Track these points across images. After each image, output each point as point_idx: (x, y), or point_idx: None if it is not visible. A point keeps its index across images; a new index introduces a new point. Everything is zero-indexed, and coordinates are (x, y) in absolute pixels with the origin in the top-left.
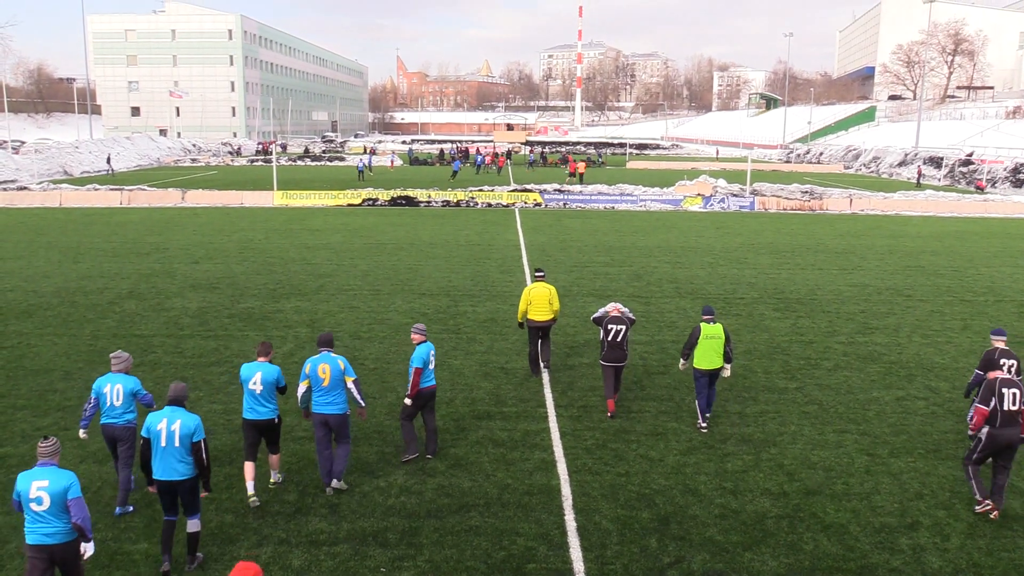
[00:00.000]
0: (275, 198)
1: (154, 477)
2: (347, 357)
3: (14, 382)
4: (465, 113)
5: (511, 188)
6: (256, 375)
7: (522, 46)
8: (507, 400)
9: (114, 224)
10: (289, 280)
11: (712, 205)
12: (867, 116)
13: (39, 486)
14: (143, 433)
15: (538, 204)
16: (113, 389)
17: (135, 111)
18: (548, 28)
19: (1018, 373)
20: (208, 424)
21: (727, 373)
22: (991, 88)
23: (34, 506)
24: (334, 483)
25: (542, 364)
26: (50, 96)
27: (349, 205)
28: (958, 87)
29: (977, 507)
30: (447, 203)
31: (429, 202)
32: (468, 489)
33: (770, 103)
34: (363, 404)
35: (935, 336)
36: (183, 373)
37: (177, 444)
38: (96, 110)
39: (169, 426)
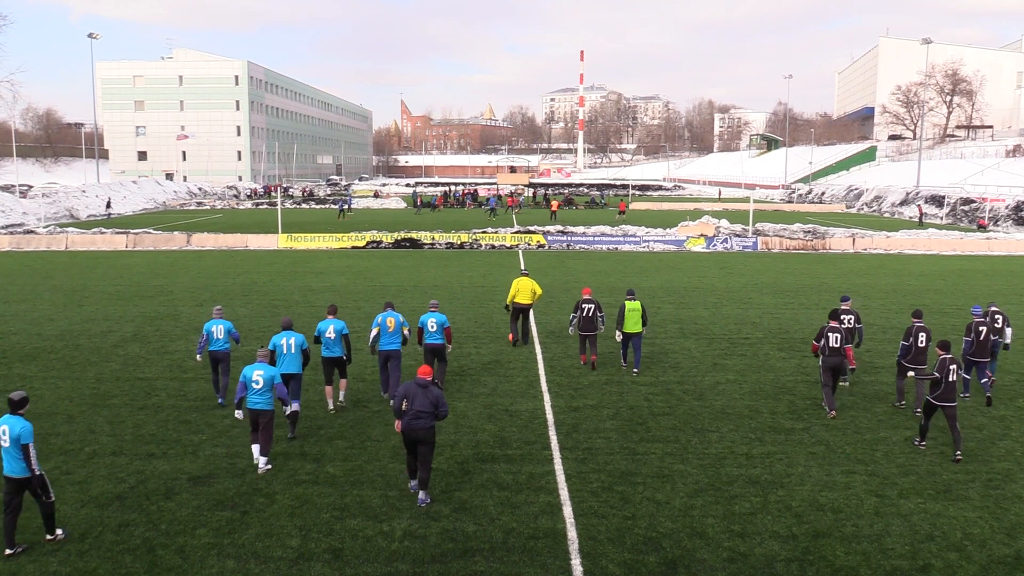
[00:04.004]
0: (279, 241)
1: (281, 373)
2: (351, 399)
3: None
4: (469, 156)
5: (515, 230)
6: (330, 327)
7: (525, 90)
8: (511, 442)
9: (119, 267)
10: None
11: (715, 245)
12: (868, 156)
13: (258, 374)
14: (269, 347)
15: (541, 246)
16: (217, 328)
17: (142, 155)
18: (550, 72)
19: (858, 322)
20: (211, 468)
21: (644, 332)
22: (990, 127)
23: (254, 385)
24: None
25: (521, 338)
26: (58, 141)
27: (353, 247)
28: (957, 126)
29: (830, 415)
30: (451, 245)
31: (433, 244)
32: (473, 533)
33: (771, 144)
34: (406, 340)
35: None
36: (186, 416)
37: (293, 351)
38: (103, 154)
39: (288, 341)
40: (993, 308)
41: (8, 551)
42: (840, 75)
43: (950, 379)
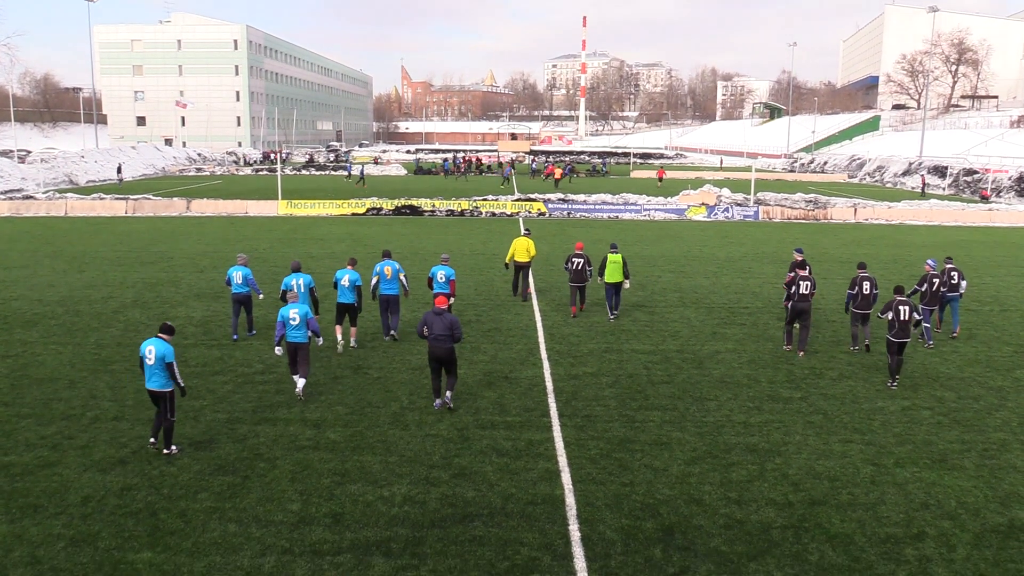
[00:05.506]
0: (280, 207)
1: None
2: (352, 364)
3: (18, 391)
4: (469, 123)
5: (515, 197)
6: (345, 276)
7: (526, 56)
8: (511, 409)
9: (119, 233)
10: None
11: (716, 214)
12: (871, 125)
13: (294, 312)
14: (283, 287)
15: (542, 213)
16: (236, 274)
17: (141, 120)
18: (552, 38)
19: (811, 273)
20: (212, 433)
21: (627, 285)
22: (995, 98)
23: (291, 322)
24: (393, 333)
25: (521, 294)
26: (56, 106)
27: (353, 214)
28: (962, 96)
29: (786, 348)
30: (451, 212)
31: (433, 211)
32: (472, 499)
33: (774, 112)
34: (407, 291)
35: (940, 346)
36: (188, 382)
37: (303, 290)
38: (102, 119)
39: (298, 282)
40: (949, 265)
41: (151, 439)
42: (845, 43)
43: (901, 318)
